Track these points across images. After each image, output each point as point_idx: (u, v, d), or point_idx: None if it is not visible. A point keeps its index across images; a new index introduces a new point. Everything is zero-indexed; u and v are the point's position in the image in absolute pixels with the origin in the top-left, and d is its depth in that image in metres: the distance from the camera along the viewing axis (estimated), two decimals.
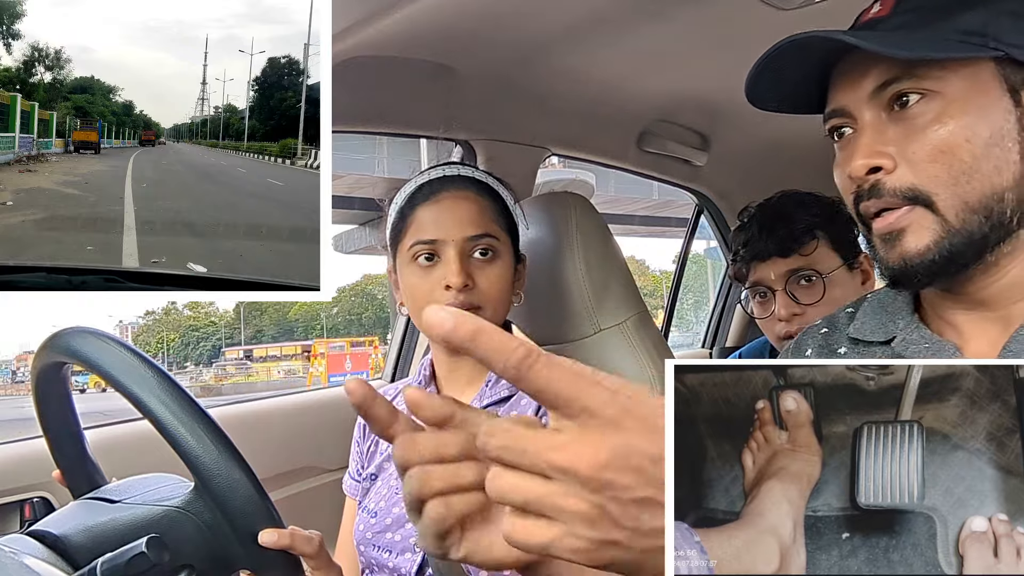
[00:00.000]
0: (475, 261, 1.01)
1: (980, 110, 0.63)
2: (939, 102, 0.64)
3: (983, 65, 0.64)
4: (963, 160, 0.63)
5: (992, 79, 0.64)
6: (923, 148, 0.64)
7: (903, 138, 0.65)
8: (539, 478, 0.38)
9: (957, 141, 0.63)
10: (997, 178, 0.63)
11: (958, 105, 0.63)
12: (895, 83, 0.65)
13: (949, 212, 0.63)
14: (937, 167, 0.63)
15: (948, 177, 0.63)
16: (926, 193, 0.64)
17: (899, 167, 0.65)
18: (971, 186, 0.63)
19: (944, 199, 0.63)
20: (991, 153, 0.63)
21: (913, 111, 0.64)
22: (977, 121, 0.63)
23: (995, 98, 0.64)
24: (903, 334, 0.70)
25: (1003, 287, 0.66)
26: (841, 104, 0.69)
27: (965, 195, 0.63)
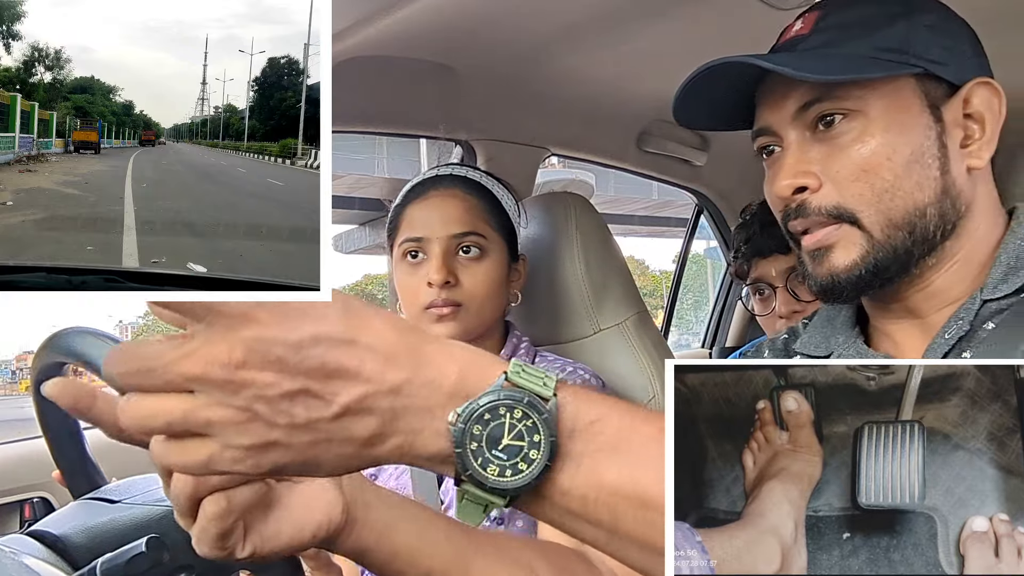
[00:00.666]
0: (460, 259, 1.01)
1: (901, 127, 0.65)
2: (861, 121, 0.65)
3: (903, 82, 0.65)
4: (885, 178, 0.64)
5: (912, 95, 0.66)
6: (846, 167, 0.65)
7: (827, 157, 0.66)
8: (177, 395, 0.35)
9: (879, 160, 0.64)
10: (919, 194, 0.65)
11: (879, 123, 0.65)
12: (817, 104, 0.66)
13: (874, 228, 0.65)
14: (861, 185, 0.65)
15: (872, 195, 0.65)
16: (851, 211, 0.65)
17: (824, 186, 0.66)
18: (894, 203, 0.65)
19: (869, 216, 0.65)
20: (912, 170, 0.65)
21: (836, 131, 0.66)
22: (898, 139, 0.65)
23: (915, 114, 0.65)
24: (840, 349, 0.72)
25: (927, 296, 0.67)
26: (767, 123, 0.70)
27: (889, 212, 0.65)
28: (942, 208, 0.65)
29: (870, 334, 0.72)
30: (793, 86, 0.67)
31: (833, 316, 0.75)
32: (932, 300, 0.68)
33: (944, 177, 0.65)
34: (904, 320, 0.69)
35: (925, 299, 0.68)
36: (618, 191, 15.37)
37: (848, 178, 0.65)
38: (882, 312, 0.71)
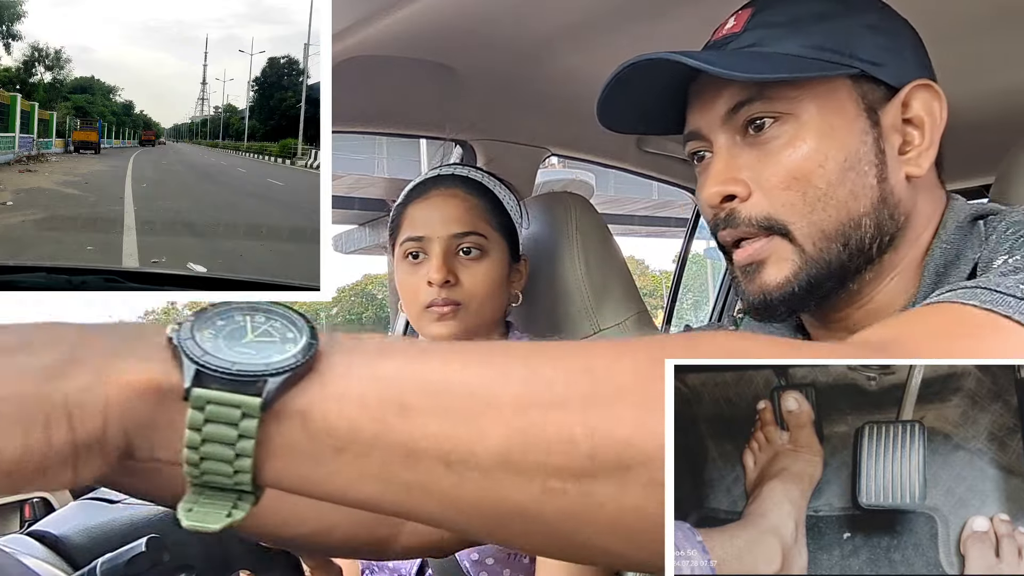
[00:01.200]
0: (460, 258, 1.01)
1: (835, 132, 0.60)
2: (793, 125, 0.61)
3: (839, 83, 0.61)
4: (817, 186, 0.60)
5: (848, 98, 0.61)
6: (777, 174, 0.61)
7: (757, 163, 0.62)
8: None
9: (811, 167, 0.60)
10: (854, 204, 0.60)
11: (812, 127, 0.60)
12: (747, 105, 0.62)
13: (806, 241, 0.61)
14: (791, 194, 0.60)
15: (803, 205, 0.60)
16: (781, 222, 0.61)
17: (754, 194, 0.62)
18: (827, 213, 0.60)
19: (800, 228, 0.61)
20: (846, 178, 0.60)
21: (767, 135, 0.61)
22: (832, 144, 0.60)
23: (851, 118, 0.61)
24: None
25: (868, 313, 0.63)
26: (696, 127, 0.66)
27: (821, 223, 0.60)
28: (879, 219, 0.61)
29: None
30: (723, 87, 0.62)
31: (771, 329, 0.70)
32: (873, 317, 0.63)
33: (881, 185, 0.61)
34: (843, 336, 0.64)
35: (866, 317, 0.63)
36: (618, 191, 15.37)
37: (778, 186, 0.61)
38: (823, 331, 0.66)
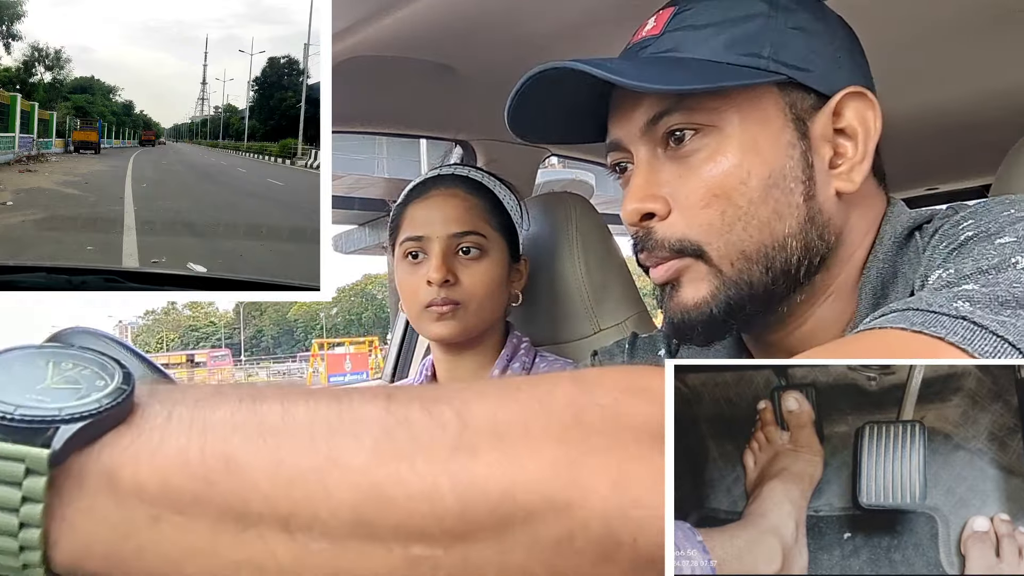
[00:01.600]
0: (460, 258, 1.02)
1: (758, 145, 0.56)
2: (714, 137, 0.56)
3: (764, 91, 0.56)
4: (738, 205, 0.55)
5: (774, 107, 0.56)
6: (696, 192, 0.56)
7: (677, 179, 0.57)
8: None
9: (732, 183, 0.55)
10: (778, 224, 0.56)
11: (735, 140, 0.56)
12: (665, 117, 0.57)
13: (723, 263, 0.56)
14: (710, 213, 0.56)
15: (721, 224, 0.56)
16: (696, 243, 0.56)
17: (672, 213, 0.57)
18: (747, 233, 0.55)
19: (717, 248, 0.56)
20: (770, 196, 0.55)
21: (687, 148, 0.57)
22: (755, 159, 0.55)
23: (776, 130, 0.56)
24: None
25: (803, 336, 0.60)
26: (616, 137, 0.61)
27: (741, 244, 0.56)
28: (807, 239, 0.56)
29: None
30: (641, 97, 0.58)
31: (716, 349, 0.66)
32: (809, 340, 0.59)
33: (808, 203, 0.56)
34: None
35: (801, 340, 0.59)
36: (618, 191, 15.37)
37: (697, 204, 0.56)
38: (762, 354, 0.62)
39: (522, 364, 1.05)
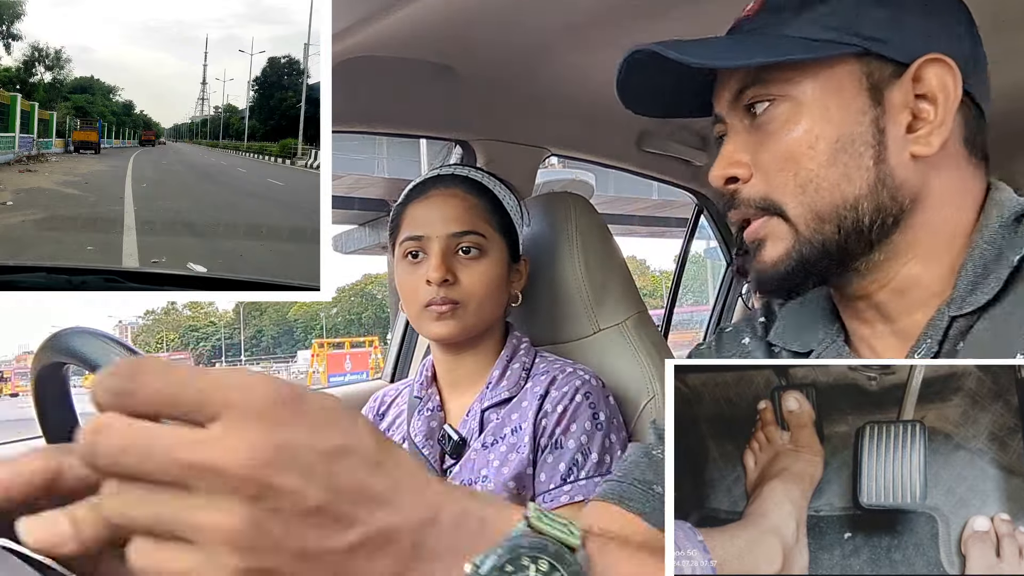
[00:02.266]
0: (460, 258, 1.01)
1: (827, 113, 0.60)
2: (787, 106, 0.61)
3: (842, 63, 0.60)
4: (808, 168, 0.60)
5: (850, 77, 0.60)
6: (772, 156, 0.61)
7: (757, 146, 0.63)
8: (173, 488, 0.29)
9: (802, 148, 0.60)
10: (847, 185, 0.60)
11: (806, 109, 0.60)
12: (747, 90, 0.63)
13: (799, 221, 0.61)
14: (785, 175, 0.61)
15: (795, 186, 0.60)
16: (777, 203, 0.61)
17: (754, 176, 0.63)
18: (819, 195, 0.60)
19: (793, 208, 0.61)
20: (838, 159, 0.60)
21: (763, 118, 0.62)
22: (823, 125, 0.60)
23: (849, 98, 0.60)
24: (820, 347, 0.68)
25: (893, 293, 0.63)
26: (716, 110, 0.67)
27: (813, 204, 0.60)
28: (878, 200, 0.60)
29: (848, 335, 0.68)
30: (731, 74, 0.64)
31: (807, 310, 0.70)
32: (901, 299, 0.62)
33: (879, 167, 0.60)
34: (876, 323, 0.64)
35: (892, 297, 0.63)
36: (618, 191, 15.37)
37: (774, 168, 0.61)
38: (852, 311, 0.66)
39: (522, 364, 1.05)
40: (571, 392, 0.98)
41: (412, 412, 1.07)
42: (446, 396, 1.09)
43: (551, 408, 0.97)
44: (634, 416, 1.07)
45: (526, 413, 0.99)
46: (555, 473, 0.95)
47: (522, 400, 1.01)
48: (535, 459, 0.97)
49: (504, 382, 1.03)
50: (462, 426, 1.03)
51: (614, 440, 0.97)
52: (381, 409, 1.16)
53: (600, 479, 0.94)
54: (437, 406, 1.07)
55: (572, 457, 0.95)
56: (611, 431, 0.98)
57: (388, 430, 1.12)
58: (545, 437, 0.97)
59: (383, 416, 1.15)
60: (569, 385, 0.98)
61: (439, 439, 1.02)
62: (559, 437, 0.96)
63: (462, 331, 1.02)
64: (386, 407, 1.16)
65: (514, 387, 1.02)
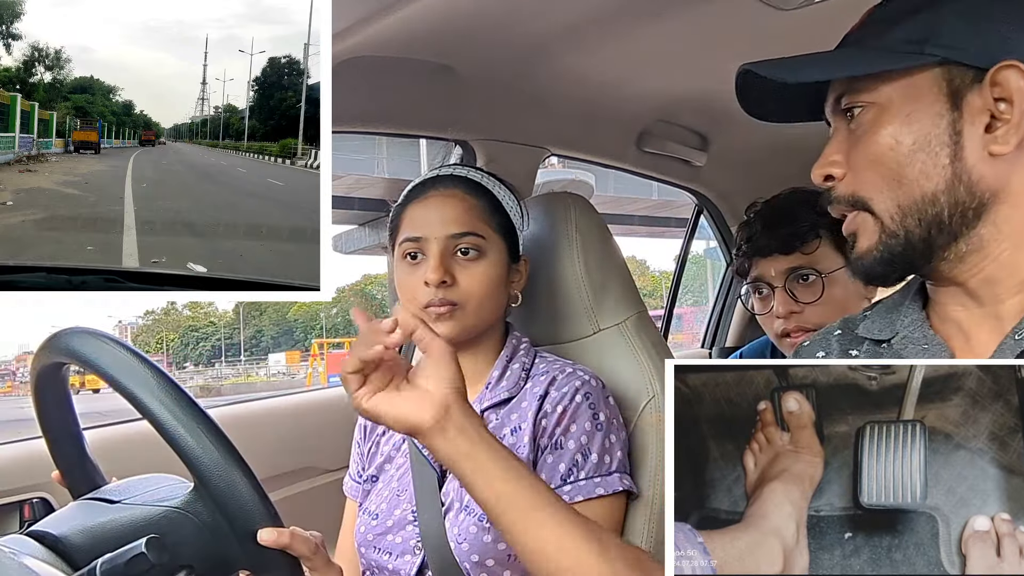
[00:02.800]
0: (458, 259, 1.01)
1: (907, 117, 0.67)
2: (874, 112, 0.68)
3: (923, 71, 0.67)
4: (890, 167, 0.67)
5: (931, 84, 0.67)
6: (862, 156, 0.68)
7: (850, 147, 0.70)
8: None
9: (883, 149, 0.67)
10: (926, 182, 0.66)
11: (890, 113, 0.67)
12: (845, 96, 0.70)
13: (885, 215, 0.68)
14: (871, 174, 0.68)
15: (881, 183, 0.67)
16: (864, 199, 0.69)
17: (848, 175, 0.70)
18: (901, 191, 0.67)
19: (879, 203, 0.68)
20: (916, 158, 0.66)
21: (856, 122, 0.69)
22: (902, 128, 0.67)
23: (929, 103, 0.67)
24: (905, 331, 0.72)
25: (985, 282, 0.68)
26: (825, 114, 0.74)
27: (896, 199, 0.67)
28: (955, 196, 0.66)
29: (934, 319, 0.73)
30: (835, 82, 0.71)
31: (899, 301, 0.77)
32: (993, 287, 0.67)
33: (955, 164, 0.66)
34: (972, 308, 0.69)
35: (983, 285, 0.68)
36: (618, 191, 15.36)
37: (863, 167, 0.69)
38: (947, 296, 0.71)
39: (522, 365, 1.04)
40: (571, 392, 0.97)
41: None
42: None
43: (551, 408, 0.97)
44: (634, 416, 1.06)
45: (525, 413, 0.98)
46: (555, 473, 0.95)
47: (521, 400, 1.01)
48: (535, 459, 0.97)
49: (504, 382, 1.03)
50: None
51: (614, 440, 0.97)
52: None
53: (599, 479, 0.94)
54: None
55: (572, 457, 0.95)
56: (611, 431, 0.98)
57: (388, 430, 1.12)
58: (545, 437, 0.97)
59: None
60: (569, 385, 0.98)
61: None
62: (559, 437, 0.96)
63: (461, 332, 1.01)
64: None
65: (514, 387, 1.02)
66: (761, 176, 1.86)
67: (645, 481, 1.00)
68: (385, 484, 1.05)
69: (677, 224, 14.02)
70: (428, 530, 0.97)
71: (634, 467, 1.01)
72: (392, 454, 1.08)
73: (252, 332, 37.53)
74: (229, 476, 0.69)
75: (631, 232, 17.79)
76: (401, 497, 1.02)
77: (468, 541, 0.93)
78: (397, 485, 1.03)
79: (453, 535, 0.94)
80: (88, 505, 0.75)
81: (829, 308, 1.26)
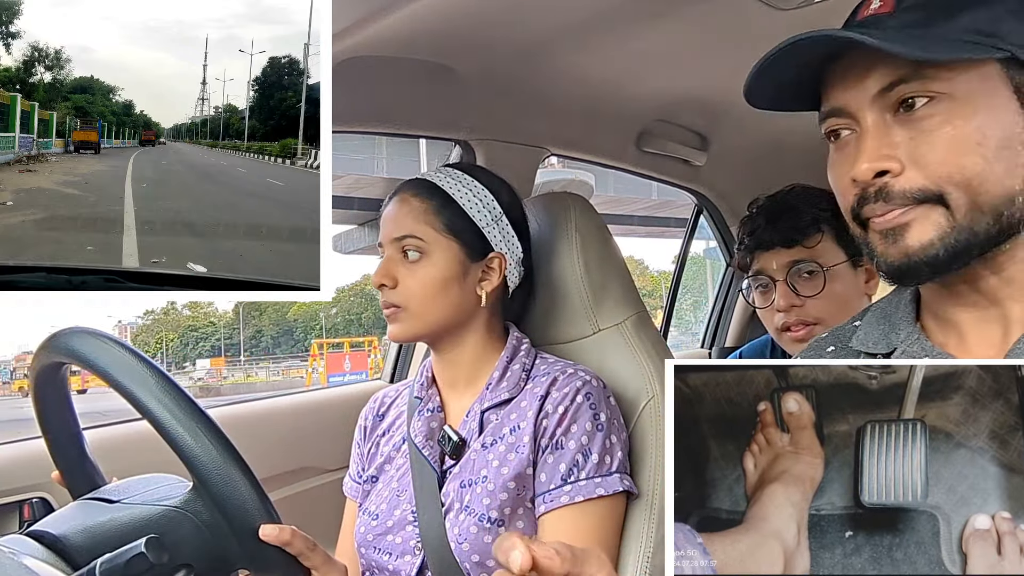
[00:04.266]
0: (404, 261, 1.03)
1: (990, 112, 0.63)
2: (947, 104, 0.63)
3: (989, 66, 0.64)
4: (976, 163, 0.63)
5: (999, 80, 0.64)
6: (934, 151, 0.64)
7: (910, 141, 0.65)
8: None
9: (969, 145, 0.63)
10: (1009, 181, 0.63)
11: (968, 107, 0.63)
12: (901, 85, 0.64)
13: (959, 211, 0.63)
14: (949, 168, 0.63)
15: (962, 179, 0.63)
16: (938, 193, 0.64)
17: (907, 170, 0.65)
18: (984, 188, 0.63)
19: (956, 198, 0.63)
20: (1002, 156, 0.63)
21: (920, 113, 0.64)
22: (988, 124, 0.63)
23: (1004, 100, 0.64)
24: (904, 346, 0.70)
25: (1003, 281, 0.66)
26: (840, 104, 0.68)
27: (977, 197, 0.63)
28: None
29: (930, 329, 0.71)
30: (875, 66, 0.65)
31: (890, 310, 0.74)
32: (1010, 286, 0.66)
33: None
34: (974, 309, 0.67)
35: (1001, 284, 0.66)
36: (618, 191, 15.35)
37: (935, 162, 0.64)
38: (948, 297, 0.69)
39: (522, 365, 1.04)
40: (572, 393, 0.98)
41: (412, 413, 1.07)
42: (446, 397, 1.09)
43: (552, 409, 0.97)
44: (634, 416, 1.06)
45: (525, 413, 0.99)
46: (555, 473, 0.95)
47: (522, 401, 1.01)
48: (535, 459, 0.97)
49: (504, 383, 1.03)
50: (462, 427, 1.02)
51: (614, 441, 0.97)
52: (381, 410, 1.16)
53: (600, 479, 0.94)
54: (437, 407, 1.06)
55: (572, 458, 0.95)
56: (611, 432, 0.98)
57: (388, 431, 1.12)
58: (546, 438, 0.97)
59: (383, 417, 1.15)
60: (570, 386, 0.98)
61: (439, 440, 1.02)
62: (560, 438, 0.96)
63: (409, 333, 1.04)
64: (386, 408, 1.16)
65: (514, 388, 1.02)
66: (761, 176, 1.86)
67: (645, 481, 1.00)
68: (385, 484, 1.05)
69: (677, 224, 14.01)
70: (428, 530, 0.97)
71: (634, 467, 1.01)
72: (392, 455, 1.08)
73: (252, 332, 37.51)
74: (228, 476, 0.69)
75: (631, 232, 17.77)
76: (401, 497, 1.02)
77: (468, 541, 0.93)
78: (397, 485, 1.03)
79: (453, 535, 0.94)
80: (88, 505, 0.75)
81: (830, 302, 1.26)
